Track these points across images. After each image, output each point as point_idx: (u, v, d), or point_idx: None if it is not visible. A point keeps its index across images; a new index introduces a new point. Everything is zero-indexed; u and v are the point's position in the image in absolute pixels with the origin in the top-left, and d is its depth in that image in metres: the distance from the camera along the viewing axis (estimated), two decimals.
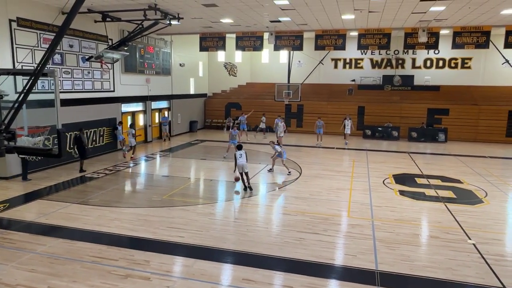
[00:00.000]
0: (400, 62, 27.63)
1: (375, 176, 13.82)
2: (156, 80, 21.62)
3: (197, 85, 27.60)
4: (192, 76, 26.86)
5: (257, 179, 13.38)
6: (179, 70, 24.46)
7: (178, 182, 12.70)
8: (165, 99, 23.18)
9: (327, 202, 10.73)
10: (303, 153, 19.07)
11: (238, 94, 29.48)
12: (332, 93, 27.74)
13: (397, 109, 24.93)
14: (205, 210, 9.95)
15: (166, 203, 10.44)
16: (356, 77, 28.14)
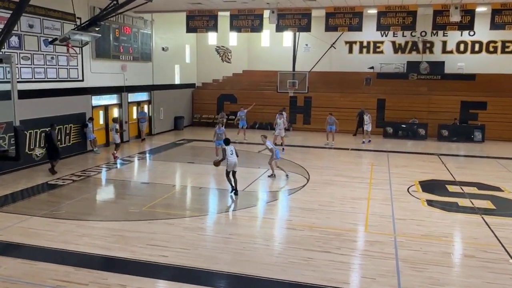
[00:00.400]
0: (428, 45, 27.75)
1: (398, 183, 13.86)
2: (133, 67, 21.63)
3: (184, 74, 27.62)
4: (178, 63, 26.89)
5: (255, 186, 13.43)
6: (162, 55, 24.48)
7: (161, 190, 12.73)
8: (144, 90, 23.21)
9: (340, 214, 10.77)
10: (311, 155, 19.10)
11: (233, 85, 29.52)
12: (346, 83, 27.81)
13: (424, 102, 25.02)
14: (193, 224, 9.95)
15: (146, 215, 10.45)
16: (375, 64, 28.23)
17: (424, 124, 24.02)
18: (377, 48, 28.66)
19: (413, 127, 24.06)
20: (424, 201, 11.92)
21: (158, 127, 24.67)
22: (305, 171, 15.50)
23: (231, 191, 12.27)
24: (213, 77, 30.33)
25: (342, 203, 11.69)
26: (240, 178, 14.44)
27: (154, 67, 23.65)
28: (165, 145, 20.83)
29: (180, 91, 27.17)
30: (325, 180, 14.21)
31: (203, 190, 12.99)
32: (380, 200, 12.00)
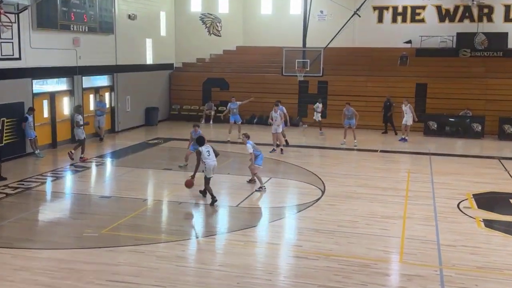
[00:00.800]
0: (486, 11, 27.78)
1: (444, 197, 13.84)
2: (90, 41, 21.62)
3: (158, 51, 27.61)
4: (150, 36, 26.87)
5: (254, 201, 13.45)
6: (128, 26, 24.47)
7: (127, 206, 12.71)
8: (105, 72, 23.19)
9: (367, 238, 10.74)
10: (328, 159, 19.10)
11: (224, 65, 29.52)
12: (374, 63, 27.81)
13: (480, 88, 25.08)
14: (171, 251, 9.93)
15: (106, 241, 10.41)
16: (414, 37, 28.25)
17: (480, 118, 24.09)
18: (416, 16, 28.68)
19: (465, 121, 24.10)
20: (481, 221, 11.88)
21: (124, 122, 24.65)
22: (319, 180, 15.44)
23: (211, 203, 12.72)
24: (197, 56, 30.32)
25: (369, 223, 11.64)
26: (234, 190, 14.44)
27: (117, 42, 23.62)
28: (133, 146, 20.79)
29: (153, 74, 27.15)
30: (346, 192, 14.17)
31: (184, 206, 12.94)
32: (420, 219, 11.96)
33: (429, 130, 24.32)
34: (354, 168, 17.57)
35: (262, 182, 14.31)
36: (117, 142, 21.68)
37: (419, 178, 16.05)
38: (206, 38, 30.22)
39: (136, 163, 17.95)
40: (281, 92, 26.65)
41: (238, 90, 27.43)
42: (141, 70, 25.94)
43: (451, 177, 16.15)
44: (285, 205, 13.40)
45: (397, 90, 25.46)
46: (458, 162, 18.75)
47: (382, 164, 18.22)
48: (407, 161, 19.06)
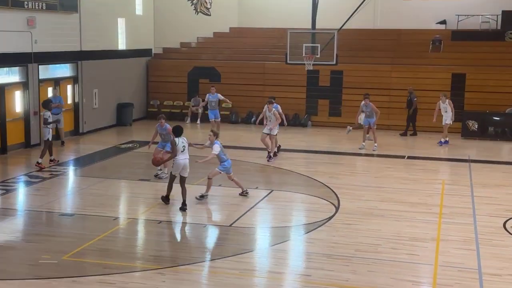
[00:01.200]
0: None
1: (486, 214, 13.82)
2: (48, 22, 21.62)
3: (132, 34, 27.61)
4: (122, 15, 26.85)
5: (252, 219, 13.42)
6: (96, 2, 24.47)
7: (94, 226, 12.67)
8: (66, 60, 23.17)
9: (392, 265, 10.73)
10: (343, 167, 19.09)
11: (214, 51, 29.50)
12: (400, 49, 27.81)
13: None
14: (148, 283, 9.90)
15: (68, 269, 10.37)
16: (449, 16, 28.24)
17: None
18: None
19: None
20: None
21: (90, 121, 24.62)
22: (333, 193, 15.42)
23: (166, 200, 13.98)
24: (182, 39, 30.32)
25: (395, 246, 11.62)
26: (227, 205, 14.42)
27: (82, 22, 23.61)
28: (101, 152, 20.76)
29: (127, 63, 27.15)
30: (365, 208, 14.15)
31: (164, 225, 12.91)
32: (457, 242, 11.93)
33: (468, 131, 24.30)
34: (376, 179, 17.52)
35: (208, 191, 14.56)
36: (81, 146, 21.63)
37: (456, 190, 15.99)
38: (192, 18, 30.21)
39: (105, 172, 17.84)
40: (285, 84, 26.64)
41: (232, 82, 27.44)
42: (112, 57, 25.92)
43: (495, 190, 16.08)
44: (290, 225, 13.34)
45: (428, 82, 25.45)
46: (504, 170, 18.71)
47: (411, 173, 18.17)
48: (441, 169, 19.03)
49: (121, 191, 16.20)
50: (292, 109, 26.85)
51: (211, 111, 22.47)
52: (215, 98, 22.45)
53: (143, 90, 28.80)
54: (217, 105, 22.47)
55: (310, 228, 12.76)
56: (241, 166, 18.48)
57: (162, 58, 29.54)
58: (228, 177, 14.83)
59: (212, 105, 22.39)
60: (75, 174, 18.13)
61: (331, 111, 26.86)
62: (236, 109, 26.97)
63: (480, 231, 12.54)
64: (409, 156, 20.62)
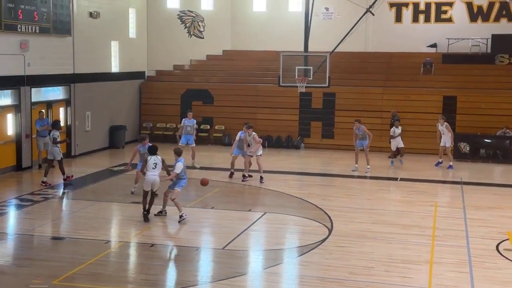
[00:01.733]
0: None
1: (480, 236, 13.80)
2: (41, 45, 21.61)
3: (126, 56, 27.64)
4: (116, 39, 26.90)
5: (244, 242, 13.34)
6: (89, 26, 24.51)
7: (85, 250, 12.57)
8: (59, 82, 23.12)
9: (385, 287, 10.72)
10: (336, 189, 19.03)
11: (208, 74, 29.52)
12: (392, 71, 27.95)
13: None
14: None
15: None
16: (440, 40, 28.44)
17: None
18: (442, 14, 28.93)
19: (503, 142, 24.17)
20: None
21: (83, 144, 24.51)
22: (326, 215, 15.35)
23: (145, 217, 14.47)
24: (175, 62, 30.37)
25: (388, 269, 11.55)
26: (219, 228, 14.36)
27: (76, 45, 23.62)
28: (93, 174, 20.64)
29: (120, 85, 27.13)
30: (358, 231, 14.09)
31: (157, 248, 12.81)
32: (451, 264, 11.89)
33: (460, 153, 24.30)
34: (369, 201, 17.48)
35: (162, 207, 14.98)
36: (73, 169, 21.49)
37: (449, 213, 15.96)
38: (185, 41, 30.29)
39: (97, 195, 17.72)
40: (278, 106, 26.67)
41: (225, 104, 27.48)
42: (105, 79, 25.87)
43: (488, 212, 16.06)
44: (283, 247, 13.24)
45: (420, 105, 25.53)
46: (496, 193, 18.68)
47: (403, 195, 18.14)
48: (433, 191, 18.99)
49: (113, 214, 16.08)
50: (285, 131, 26.89)
51: (185, 136, 21.94)
52: (192, 123, 22.24)
53: (136, 112, 28.75)
54: (192, 130, 22.22)
55: (303, 250, 12.68)
56: (234, 188, 18.42)
57: (155, 81, 29.54)
58: (172, 192, 14.64)
59: (187, 130, 22.09)
60: (67, 197, 17.97)
61: (324, 133, 26.87)
62: (229, 131, 26.93)
63: (473, 254, 12.48)
64: (401, 178, 20.61)
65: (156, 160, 14.35)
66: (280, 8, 30.06)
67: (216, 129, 27.37)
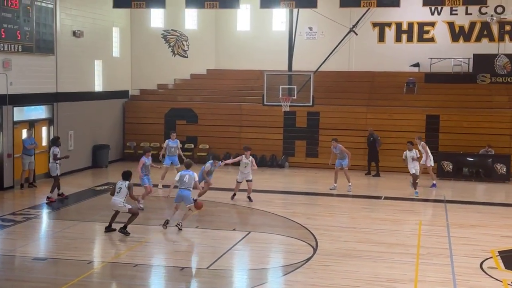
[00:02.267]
0: (508, 29, 28.45)
1: (463, 254, 13.83)
2: (24, 64, 21.52)
3: (109, 75, 27.58)
4: (99, 57, 26.87)
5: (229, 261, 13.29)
6: (73, 44, 24.47)
7: (68, 271, 12.47)
8: (42, 101, 23.00)
9: None
10: (321, 207, 19.03)
11: (192, 93, 29.55)
12: (375, 91, 28.15)
13: (503, 121, 25.46)
14: None
15: None
16: (423, 60, 28.71)
17: (504, 157, 24.37)
18: (424, 34, 29.24)
19: (486, 161, 24.35)
20: (509, 285, 11.82)
21: (66, 163, 24.26)
22: (310, 234, 15.33)
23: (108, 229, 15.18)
24: (159, 81, 30.36)
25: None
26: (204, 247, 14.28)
27: (59, 64, 23.54)
28: (76, 194, 20.48)
29: (103, 104, 27.04)
30: (343, 249, 14.08)
31: (140, 268, 12.70)
32: (435, 283, 11.89)
33: (443, 172, 24.45)
34: (353, 219, 17.47)
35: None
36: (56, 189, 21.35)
37: (433, 231, 15.99)
38: (169, 60, 30.30)
39: (80, 215, 17.62)
40: (262, 125, 26.69)
41: (209, 123, 27.47)
42: (88, 99, 25.78)
43: (471, 230, 16.12)
44: (267, 267, 13.18)
45: (403, 123, 25.68)
46: (479, 211, 18.78)
47: (388, 214, 18.15)
48: (417, 210, 19.04)
49: (96, 234, 15.92)
50: (269, 150, 26.89)
51: (169, 157, 21.80)
52: (175, 144, 22.15)
53: (120, 131, 28.63)
54: (176, 151, 22.14)
55: (288, 270, 12.62)
56: (218, 208, 18.34)
57: (139, 100, 29.47)
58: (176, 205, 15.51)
59: (171, 151, 22.00)
60: (49, 217, 17.83)
61: (308, 152, 26.91)
62: (213, 150, 26.88)
63: (457, 272, 12.50)
64: (385, 197, 20.65)
65: (120, 185, 15.19)
66: (264, 27, 30.25)
67: (200, 148, 27.31)
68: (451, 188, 22.58)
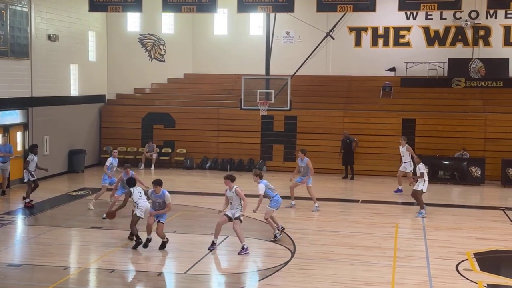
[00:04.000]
0: (482, 34, 28.78)
1: (440, 257, 13.92)
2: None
3: (85, 79, 27.39)
4: (75, 62, 26.66)
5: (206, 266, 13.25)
6: (48, 49, 24.27)
7: (43, 277, 12.35)
8: (16, 106, 22.76)
9: None
10: (299, 211, 19.03)
11: (169, 97, 29.46)
12: (352, 95, 28.30)
13: (478, 124, 25.72)
14: None
15: None
16: (399, 64, 28.92)
17: (479, 160, 24.58)
18: (400, 39, 29.47)
19: (461, 164, 24.54)
20: (484, 287, 11.92)
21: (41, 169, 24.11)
22: (288, 238, 15.32)
23: (134, 246, 14.18)
24: (135, 85, 30.21)
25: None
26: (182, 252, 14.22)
27: (34, 69, 23.32)
28: (51, 200, 20.31)
29: (80, 109, 26.82)
30: (321, 253, 14.10)
31: (117, 274, 12.62)
32: (412, 285, 11.96)
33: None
34: (331, 223, 17.52)
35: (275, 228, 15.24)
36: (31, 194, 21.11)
37: (409, 234, 16.12)
38: (146, 64, 30.16)
39: (56, 221, 17.47)
40: (240, 129, 26.67)
41: (187, 127, 27.38)
42: (64, 103, 25.56)
43: (447, 233, 16.26)
44: (245, 271, 13.17)
45: (380, 127, 25.85)
46: (455, 213, 18.94)
47: (365, 217, 18.22)
48: (394, 213, 19.13)
49: (72, 239, 15.78)
50: (247, 154, 26.87)
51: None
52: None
53: (96, 136, 28.42)
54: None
55: (266, 274, 12.61)
56: (196, 212, 18.29)
57: (115, 104, 29.29)
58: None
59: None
60: (24, 223, 17.61)
61: (286, 156, 26.92)
62: (191, 154, 26.85)
63: (434, 274, 12.59)
64: (363, 200, 20.73)
65: (139, 190, 14.81)
66: (241, 31, 30.27)
67: (177, 153, 27.22)
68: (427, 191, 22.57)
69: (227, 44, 30.26)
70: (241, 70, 27.70)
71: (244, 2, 20.58)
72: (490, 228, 16.96)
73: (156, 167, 26.81)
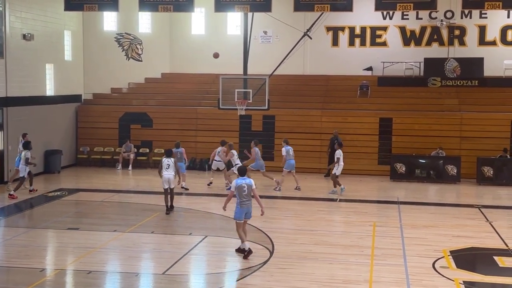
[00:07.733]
0: (457, 34, 29.07)
1: (416, 255, 14.03)
2: None
3: (61, 79, 27.17)
4: (51, 61, 26.43)
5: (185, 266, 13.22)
6: (23, 48, 24.01)
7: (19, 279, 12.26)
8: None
9: None
10: (277, 210, 19.07)
11: (146, 97, 29.33)
12: (329, 94, 28.41)
13: (453, 123, 25.98)
14: None
15: None
16: (376, 63, 29.10)
17: (455, 158, 24.83)
18: (377, 38, 29.64)
19: (437, 162, 24.79)
20: (461, 284, 12.03)
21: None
22: (266, 237, 15.37)
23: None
24: (112, 85, 30.01)
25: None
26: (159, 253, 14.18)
27: (8, 68, 23.07)
28: (27, 201, 20.10)
29: (55, 109, 26.59)
30: (299, 252, 14.12)
31: (95, 275, 12.51)
32: (390, 283, 12.03)
33: (396, 173, 24.80)
34: (309, 222, 17.55)
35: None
36: (6, 195, 20.90)
37: (386, 232, 16.18)
38: (123, 64, 29.98)
39: (32, 222, 17.37)
40: (218, 129, 26.61)
41: (165, 127, 27.29)
42: (39, 103, 25.32)
43: (424, 231, 16.38)
44: (223, 271, 13.18)
45: (358, 126, 25.98)
46: (431, 211, 19.10)
47: (343, 216, 18.32)
48: (371, 211, 19.24)
49: (48, 241, 15.64)
50: None
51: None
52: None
53: (73, 136, 28.20)
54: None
55: (245, 273, 12.61)
56: (174, 212, 18.23)
57: (92, 104, 29.07)
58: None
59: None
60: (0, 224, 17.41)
61: (264, 155, 26.81)
62: None
63: (411, 272, 12.67)
64: (340, 199, 20.83)
65: (169, 162, 17.59)
66: (218, 31, 30.22)
67: (155, 153, 27.11)
68: (404, 190, 22.94)
69: (204, 44, 30.16)
70: (219, 69, 27.67)
71: (221, 2, 20.60)
72: (466, 225, 17.14)
73: (133, 167, 26.66)
